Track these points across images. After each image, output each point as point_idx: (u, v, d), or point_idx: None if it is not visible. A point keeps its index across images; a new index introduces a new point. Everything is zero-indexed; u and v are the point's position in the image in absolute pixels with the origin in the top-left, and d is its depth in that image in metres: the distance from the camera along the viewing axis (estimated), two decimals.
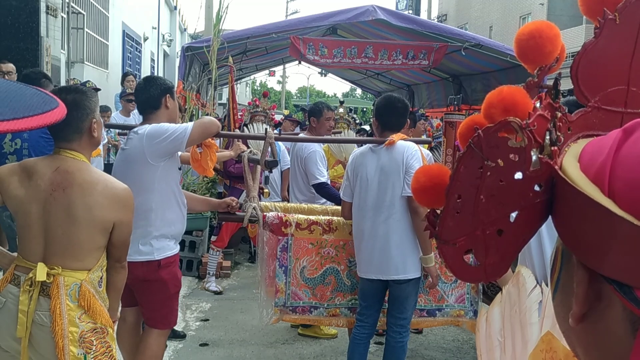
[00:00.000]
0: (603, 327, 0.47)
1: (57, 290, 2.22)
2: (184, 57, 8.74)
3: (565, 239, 0.51)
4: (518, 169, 0.51)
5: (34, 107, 1.67)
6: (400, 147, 3.29)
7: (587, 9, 0.56)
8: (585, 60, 0.53)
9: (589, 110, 0.54)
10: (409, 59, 9.52)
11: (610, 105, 0.54)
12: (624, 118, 0.54)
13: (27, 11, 6.57)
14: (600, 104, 0.54)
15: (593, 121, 0.54)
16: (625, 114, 0.54)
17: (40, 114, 1.67)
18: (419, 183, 0.59)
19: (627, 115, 0.54)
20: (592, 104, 0.54)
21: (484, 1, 29.48)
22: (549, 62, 0.57)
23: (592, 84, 0.54)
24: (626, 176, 0.44)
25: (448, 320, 3.75)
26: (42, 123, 1.73)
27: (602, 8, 0.53)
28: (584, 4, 0.56)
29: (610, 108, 0.54)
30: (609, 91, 0.54)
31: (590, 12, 0.55)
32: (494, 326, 0.90)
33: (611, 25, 0.52)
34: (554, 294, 0.55)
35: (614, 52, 0.53)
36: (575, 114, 0.54)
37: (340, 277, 3.60)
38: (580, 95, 0.54)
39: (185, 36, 23.47)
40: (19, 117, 1.59)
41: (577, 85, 0.54)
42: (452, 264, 0.55)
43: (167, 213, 3.08)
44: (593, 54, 0.53)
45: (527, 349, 0.83)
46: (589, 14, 0.55)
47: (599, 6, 0.53)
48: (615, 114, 0.54)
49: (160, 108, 3.17)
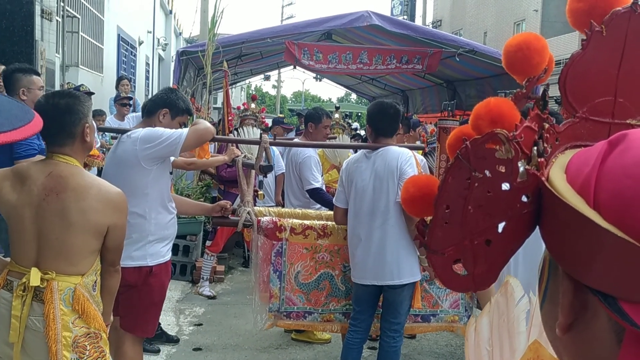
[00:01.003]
0: (589, 337, 0.48)
1: (50, 295, 2.21)
2: (179, 62, 8.75)
3: (551, 250, 0.51)
4: (505, 180, 0.51)
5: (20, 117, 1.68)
6: (394, 153, 3.31)
7: (575, 21, 0.57)
8: (573, 71, 0.54)
9: (577, 121, 0.55)
10: (403, 63, 9.56)
11: (598, 116, 0.55)
12: (612, 129, 0.55)
13: (22, 15, 6.56)
14: (588, 115, 0.55)
15: (581, 132, 0.55)
16: (612, 124, 0.55)
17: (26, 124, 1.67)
18: (408, 193, 0.59)
19: (614, 126, 0.55)
20: (579, 115, 0.55)
21: (479, 7, 29.62)
22: (537, 73, 0.58)
23: (579, 95, 0.55)
24: (611, 188, 0.44)
25: (442, 325, 3.76)
26: (28, 134, 1.74)
27: (589, 20, 0.53)
28: (572, 16, 0.57)
29: (597, 119, 0.55)
30: (596, 102, 0.55)
31: (577, 24, 0.56)
32: (483, 335, 0.90)
33: (598, 37, 0.53)
34: (541, 304, 0.55)
35: (601, 64, 0.54)
36: (563, 124, 0.55)
37: (335, 282, 3.60)
38: (568, 105, 0.55)
39: (181, 40, 23.46)
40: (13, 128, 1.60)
41: (565, 96, 0.55)
42: (441, 273, 0.55)
43: (160, 217, 3.07)
44: (581, 66, 0.54)
45: (515, 358, 0.84)
46: (577, 26, 0.56)
47: (586, 18, 0.54)
48: (603, 124, 0.55)
49: (154, 117, 3.17)
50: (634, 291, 0.42)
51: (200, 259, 6.17)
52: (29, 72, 3.72)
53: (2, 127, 1.59)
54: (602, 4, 0.54)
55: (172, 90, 3.47)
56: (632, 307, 0.42)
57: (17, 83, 3.58)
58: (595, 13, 0.54)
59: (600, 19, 0.53)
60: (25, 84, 3.59)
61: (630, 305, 0.43)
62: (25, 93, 3.55)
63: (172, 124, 3.19)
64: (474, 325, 0.92)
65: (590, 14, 0.54)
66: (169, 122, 3.18)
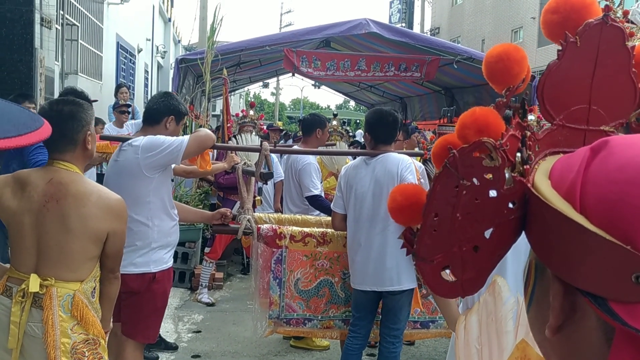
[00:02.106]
0: (579, 338, 0.49)
1: (49, 302, 2.22)
2: (178, 69, 8.77)
3: (539, 253, 0.52)
4: (493, 187, 0.53)
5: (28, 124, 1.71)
6: (394, 160, 3.32)
7: (550, 32, 0.59)
8: (550, 80, 0.56)
9: (555, 128, 0.57)
10: (401, 71, 9.59)
11: (574, 123, 0.57)
12: (587, 135, 0.57)
13: (21, 23, 6.58)
14: (564, 122, 0.57)
15: (558, 138, 0.57)
16: (587, 131, 0.57)
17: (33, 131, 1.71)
18: (395, 202, 0.60)
19: (589, 132, 0.57)
20: (557, 122, 0.57)
21: (476, 15, 29.71)
22: (516, 83, 0.60)
23: (556, 103, 0.57)
24: (596, 193, 0.46)
25: (441, 332, 3.77)
26: (34, 140, 1.78)
27: (563, 32, 0.56)
28: (547, 27, 0.59)
29: (573, 126, 0.57)
30: (572, 110, 0.57)
31: (552, 35, 0.58)
32: (472, 334, 0.92)
33: (573, 47, 0.55)
34: (528, 307, 0.56)
35: (576, 73, 0.56)
36: (542, 132, 0.57)
37: (335, 289, 3.61)
38: (546, 113, 0.57)
39: (179, 48, 23.51)
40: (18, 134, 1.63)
41: (542, 104, 0.57)
42: (429, 280, 0.57)
43: (163, 224, 3.08)
44: (557, 75, 0.56)
45: (503, 357, 0.85)
46: (552, 38, 0.58)
47: (560, 30, 0.56)
48: (579, 131, 0.57)
49: (159, 125, 3.17)
50: (623, 291, 0.43)
51: (199, 266, 6.17)
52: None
53: (8, 132, 1.62)
54: (575, 16, 0.56)
55: (170, 95, 3.48)
56: (622, 307, 0.44)
57: None
58: (568, 25, 0.56)
59: (574, 30, 0.55)
60: None
61: (619, 305, 0.44)
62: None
63: (177, 129, 3.23)
64: (464, 323, 0.93)
65: (564, 26, 0.56)
66: (174, 128, 3.21)
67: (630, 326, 0.43)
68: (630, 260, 0.43)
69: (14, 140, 1.62)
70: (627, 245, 0.43)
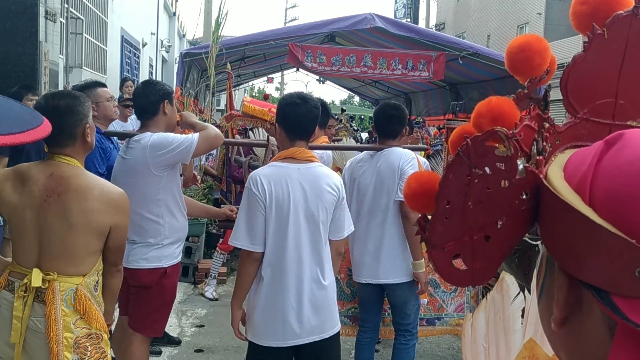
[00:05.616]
0: (583, 331, 0.49)
1: (52, 296, 2.21)
2: (182, 63, 8.75)
3: (548, 246, 0.52)
4: (504, 176, 0.52)
5: (29, 121, 1.70)
6: (397, 154, 3.34)
7: (578, 24, 0.57)
8: (575, 73, 0.55)
9: (578, 121, 0.56)
10: (409, 69, 9.52)
11: (599, 117, 0.55)
12: (612, 130, 0.55)
13: (26, 16, 6.57)
14: (588, 116, 0.56)
15: (581, 132, 0.56)
16: (613, 125, 0.55)
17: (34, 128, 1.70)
18: (410, 189, 0.60)
19: (614, 127, 0.55)
20: (580, 116, 0.56)
21: (482, 10, 29.63)
22: (539, 75, 0.58)
23: (580, 96, 0.55)
24: (606, 186, 0.45)
25: (447, 329, 3.78)
26: (36, 137, 1.77)
27: (591, 23, 0.54)
28: (575, 19, 0.58)
29: (598, 120, 0.55)
30: (597, 103, 0.55)
31: (581, 27, 0.57)
32: (479, 332, 0.91)
33: (600, 39, 0.54)
34: (539, 299, 0.56)
35: (603, 66, 0.54)
36: (564, 125, 0.56)
37: (340, 285, 3.61)
38: (570, 106, 0.56)
39: (184, 42, 23.50)
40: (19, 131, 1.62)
41: (566, 97, 0.55)
42: (440, 268, 0.57)
43: (174, 220, 3.08)
44: (582, 67, 0.55)
45: (511, 356, 0.84)
46: (580, 29, 0.57)
47: (589, 21, 0.55)
48: (604, 125, 0.55)
49: (158, 114, 3.12)
50: (626, 286, 0.43)
51: (202, 261, 6.17)
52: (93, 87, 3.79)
53: (11, 129, 1.61)
54: (605, 7, 0.55)
55: (151, 82, 3.52)
56: (624, 301, 0.43)
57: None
58: (597, 16, 0.55)
59: (602, 22, 0.54)
60: (93, 99, 3.51)
61: (622, 299, 0.43)
62: (95, 109, 3.53)
63: (173, 110, 3.20)
64: (471, 320, 0.93)
65: (593, 17, 0.55)
66: (171, 110, 3.17)
67: (631, 321, 0.43)
68: (635, 255, 0.42)
69: (17, 137, 1.61)
70: (633, 239, 0.42)
